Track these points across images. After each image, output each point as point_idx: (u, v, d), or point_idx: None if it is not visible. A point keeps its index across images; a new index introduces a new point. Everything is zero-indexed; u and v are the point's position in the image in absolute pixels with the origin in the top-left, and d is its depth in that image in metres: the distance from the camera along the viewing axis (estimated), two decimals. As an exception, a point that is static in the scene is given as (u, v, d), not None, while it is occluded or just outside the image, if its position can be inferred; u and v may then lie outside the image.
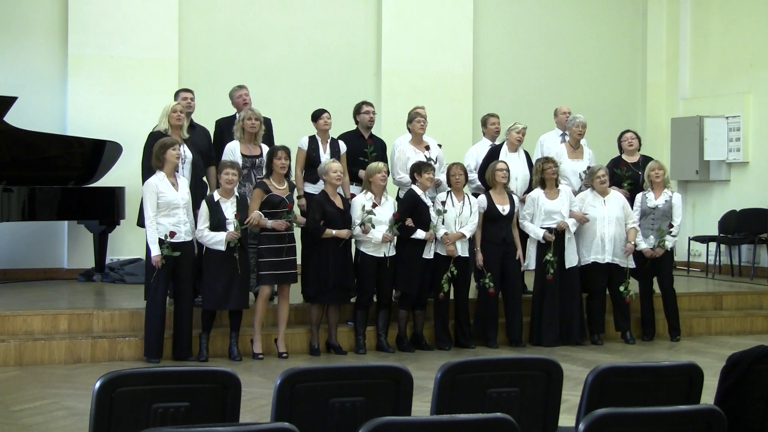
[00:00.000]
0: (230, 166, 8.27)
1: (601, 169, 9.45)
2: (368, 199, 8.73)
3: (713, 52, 13.64)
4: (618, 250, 9.40)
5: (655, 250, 9.53)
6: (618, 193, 9.57)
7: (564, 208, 9.29)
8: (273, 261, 8.36)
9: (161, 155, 8.10)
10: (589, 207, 9.39)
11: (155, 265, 8.03)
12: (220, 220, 8.16)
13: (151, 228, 8.06)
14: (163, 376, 3.79)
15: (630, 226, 9.47)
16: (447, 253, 8.92)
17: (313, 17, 12.51)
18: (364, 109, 9.53)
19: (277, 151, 8.39)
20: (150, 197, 8.07)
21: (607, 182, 9.42)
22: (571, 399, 5.16)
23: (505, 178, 9.17)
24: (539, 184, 9.37)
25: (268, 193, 8.36)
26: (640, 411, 3.31)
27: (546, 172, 9.30)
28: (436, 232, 8.91)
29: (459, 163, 9.25)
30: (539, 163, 9.43)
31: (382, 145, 9.68)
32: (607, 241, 9.36)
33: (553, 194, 9.32)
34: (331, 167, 8.61)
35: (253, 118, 8.75)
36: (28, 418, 6.43)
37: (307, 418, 3.68)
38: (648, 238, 9.56)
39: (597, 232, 9.35)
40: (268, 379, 7.38)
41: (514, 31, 13.51)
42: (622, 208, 9.46)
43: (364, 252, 8.73)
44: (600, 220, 9.35)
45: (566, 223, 9.24)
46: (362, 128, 9.52)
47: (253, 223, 8.27)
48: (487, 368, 4.07)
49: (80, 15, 11.38)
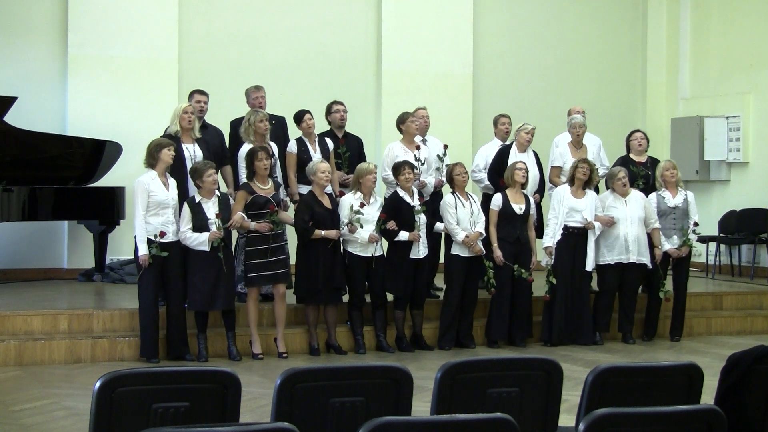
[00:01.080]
0: (210, 167, 8.26)
1: (621, 171, 9.47)
2: (357, 198, 8.72)
3: (713, 52, 13.63)
4: (642, 249, 9.40)
5: (681, 250, 9.54)
6: (638, 192, 9.58)
7: (588, 210, 9.29)
8: (260, 262, 8.36)
9: (156, 153, 8.11)
10: (610, 208, 9.41)
11: (142, 264, 8.04)
12: (203, 221, 8.16)
13: (140, 227, 8.07)
14: (162, 376, 3.79)
15: (653, 227, 9.48)
16: (473, 254, 8.95)
17: (313, 17, 12.50)
18: (334, 109, 9.54)
19: (257, 153, 8.39)
20: (141, 195, 8.08)
21: (627, 183, 9.44)
22: (571, 399, 5.16)
23: (524, 178, 9.19)
24: (569, 181, 9.40)
25: (253, 194, 8.36)
26: (640, 411, 3.31)
27: (578, 170, 9.32)
28: (455, 235, 8.92)
29: (461, 163, 9.27)
30: (575, 161, 9.45)
31: (358, 143, 9.69)
32: (630, 242, 9.35)
33: (580, 194, 9.34)
34: (318, 167, 8.61)
35: (265, 120, 8.77)
36: (28, 418, 6.43)
37: (307, 418, 3.68)
38: (671, 238, 9.57)
39: (620, 232, 9.35)
40: (268, 379, 7.38)
41: (514, 31, 13.51)
42: (643, 208, 9.47)
43: (352, 252, 8.73)
44: (623, 220, 9.36)
45: (593, 224, 9.26)
46: (335, 128, 9.53)
47: (236, 226, 8.28)
48: (487, 368, 4.07)
49: (80, 15, 11.38)
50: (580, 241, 9.30)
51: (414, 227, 8.82)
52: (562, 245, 9.29)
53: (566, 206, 9.28)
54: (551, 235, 9.31)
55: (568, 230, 9.29)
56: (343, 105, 9.60)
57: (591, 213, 9.30)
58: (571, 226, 9.29)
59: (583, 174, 9.31)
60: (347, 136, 9.62)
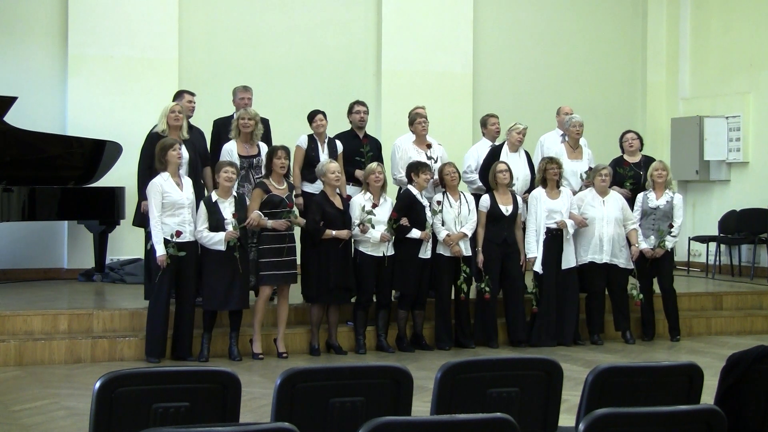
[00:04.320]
0: (228, 165, 8.28)
1: (605, 168, 9.47)
2: (367, 199, 8.73)
3: (713, 52, 13.63)
4: (616, 250, 9.40)
5: (656, 251, 9.53)
6: (617, 193, 9.58)
7: (564, 208, 9.29)
8: (274, 261, 8.36)
9: (162, 158, 8.12)
10: (588, 207, 9.40)
11: (161, 265, 8.03)
12: (219, 221, 8.16)
13: (156, 228, 8.06)
14: (163, 376, 3.79)
15: (630, 227, 9.47)
16: (453, 254, 8.94)
17: (313, 17, 12.51)
18: (355, 109, 9.54)
19: (277, 151, 8.39)
20: (155, 197, 8.07)
21: (608, 182, 9.43)
22: (571, 399, 5.16)
23: (506, 179, 9.17)
24: (541, 183, 9.37)
25: (268, 193, 8.36)
26: (640, 411, 3.31)
27: (548, 171, 9.30)
28: (438, 233, 8.92)
29: (451, 162, 9.25)
30: (543, 162, 9.43)
31: (378, 145, 9.68)
32: (605, 242, 9.36)
33: (555, 194, 9.32)
34: (328, 168, 8.61)
35: (246, 118, 8.76)
36: (28, 418, 6.43)
37: (307, 418, 3.68)
38: (648, 238, 9.56)
39: (596, 232, 9.35)
40: (268, 379, 7.38)
41: (514, 31, 13.51)
42: (621, 209, 9.46)
43: (363, 252, 8.73)
44: (599, 220, 9.35)
45: (565, 223, 9.24)
46: (355, 128, 9.53)
47: (253, 224, 8.26)
48: (487, 368, 4.07)
49: (80, 15, 11.38)
50: (558, 241, 9.28)
51: (425, 226, 8.82)
52: (544, 247, 9.27)
53: (544, 209, 9.27)
54: (534, 243, 9.24)
55: (548, 232, 9.27)
56: (365, 106, 9.59)
57: (566, 212, 9.29)
58: (552, 228, 9.26)
59: (554, 174, 9.30)
60: (367, 136, 9.63)
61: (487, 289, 9.02)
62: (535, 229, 9.26)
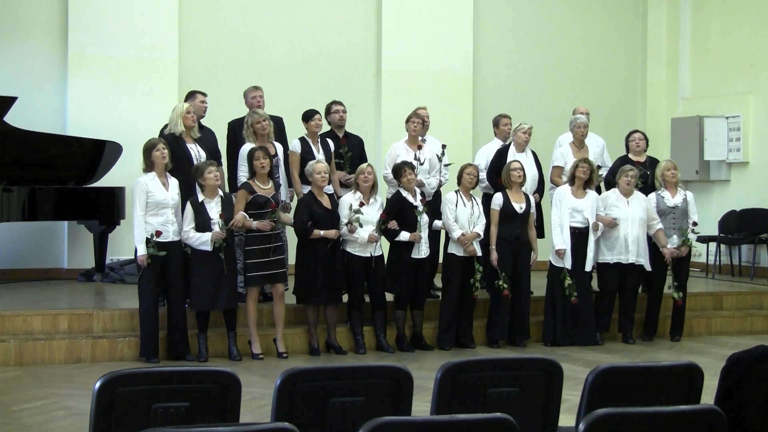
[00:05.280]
0: (211, 164, 8.29)
1: (632, 170, 9.47)
2: (356, 198, 8.72)
3: (713, 52, 13.63)
4: (641, 250, 9.40)
5: (681, 249, 9.55)
6: (641, 194, 9.58)
7: (589, 209, 9.29)
8: (260, 261, 8.36)
9: (148, 156, 8.15)
10: (612, 208, 9.42)
11: (141, 264, 8.06)
12: (206, 221, 8.18)
13: (138, 227, 8.09)
14: (163, 376, 3.79)
15: (657, 228, 9.48)
16: (467, 254, 8.95)
17: (313, 17, 12.50)
18: (333, 109, 9.55)
19: (255, 152, 8.42)
20: (139, 196, 8.11)
21: (633, 184, 9.43)
22: (571, 399, 5.16)
23: (520, 178, 9.19)
24: (570, 180, 9.39)
25: (253, 194, 8.37)
26: (640, 411, 3.31)
27: (578, 169, 9.31)
28: (452, 232, 8.92)
29: (474, 164, 9.29)
30: (576, 161, 9.44)
31: (359, 143, 9.68)
32: (630, 242, 9.36)
33: (580, 194, 9.34)
34: (315, 168, 8.61)
35: (261, 121, 8.77)
36: (28, 418, 6.43)
37: (307, 418, 3.68)
38: (671, 238, 9.57)
39: (621, 232, 9.36)
40: (268, 379, 7.38)
41: (514, 31, 13.51)
42: (645, 210, 9.47)
43: (351, 252, 8.73)
44: (623, 220, 9.37)
45: (598, 225, 9.25)
46: (335, 128, 9.53)
47: (238, 225, 8.28)
48: (487, 368, 4.07)
49: (80, 15, 11.38)
50: (581, 241, 9.30)
51: (416, 227, 8.82)
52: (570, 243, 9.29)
53: (567, 206, 9.28)
54: (559, 236, 9.28)
55: (572, 230, 9.28)
56: (342, 105, 9.60)
57: (592, 213, 9.29)
58: (573, 226, 9.29)
59: (583, 173, 9.30)
60: (348, 136, 9.62)
61: (505, 285, 9.03)
62: (559, 224, 9.28)
